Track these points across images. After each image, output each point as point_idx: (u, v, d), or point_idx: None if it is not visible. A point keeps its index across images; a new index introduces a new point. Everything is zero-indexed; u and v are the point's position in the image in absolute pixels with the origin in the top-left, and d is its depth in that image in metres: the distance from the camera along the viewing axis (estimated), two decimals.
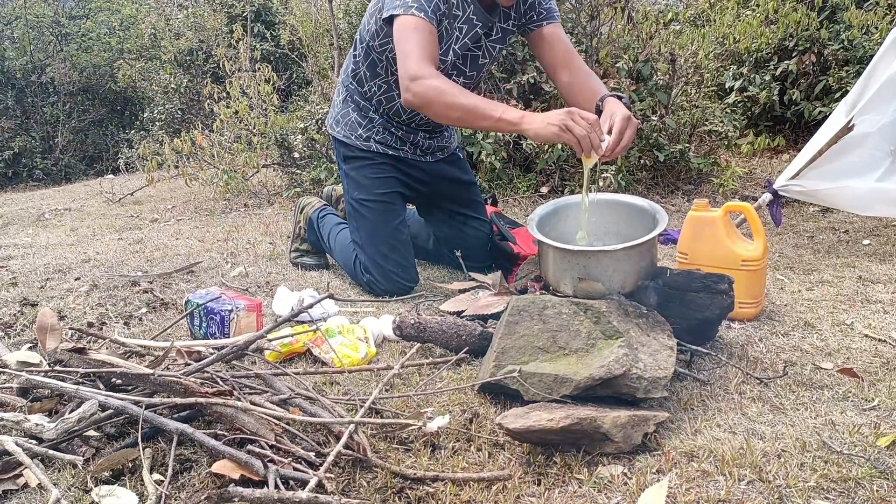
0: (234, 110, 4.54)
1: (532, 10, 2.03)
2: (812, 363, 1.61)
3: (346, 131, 2.25)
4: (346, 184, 2.28)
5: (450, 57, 2.00)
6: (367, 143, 2.23)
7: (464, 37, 1.99)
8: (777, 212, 2.60)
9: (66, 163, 8.37)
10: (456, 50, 2.00)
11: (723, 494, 1.11)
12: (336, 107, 2.31)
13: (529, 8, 2.03)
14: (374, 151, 2.23)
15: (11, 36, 8.78)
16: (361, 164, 2.23)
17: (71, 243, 3.20)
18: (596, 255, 1.59)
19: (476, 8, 1.95)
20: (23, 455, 1.19)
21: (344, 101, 2.28)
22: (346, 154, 2.26)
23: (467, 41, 2.01)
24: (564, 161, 3.63)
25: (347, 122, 2.25)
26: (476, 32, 2.00)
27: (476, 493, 1.14)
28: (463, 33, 1.98)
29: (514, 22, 2.06)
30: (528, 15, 2.04)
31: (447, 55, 1.99)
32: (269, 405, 1.29)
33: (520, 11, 2.04)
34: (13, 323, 2.00)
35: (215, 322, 1.80)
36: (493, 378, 1.40)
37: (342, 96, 2.29)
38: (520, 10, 2.03)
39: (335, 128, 2.29)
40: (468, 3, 1.94)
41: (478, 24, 1.99)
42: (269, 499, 1.04)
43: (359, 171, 2.23)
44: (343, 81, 2.29)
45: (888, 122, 2.38)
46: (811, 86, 4.49)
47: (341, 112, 2.28)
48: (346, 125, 2.26)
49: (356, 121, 2.24)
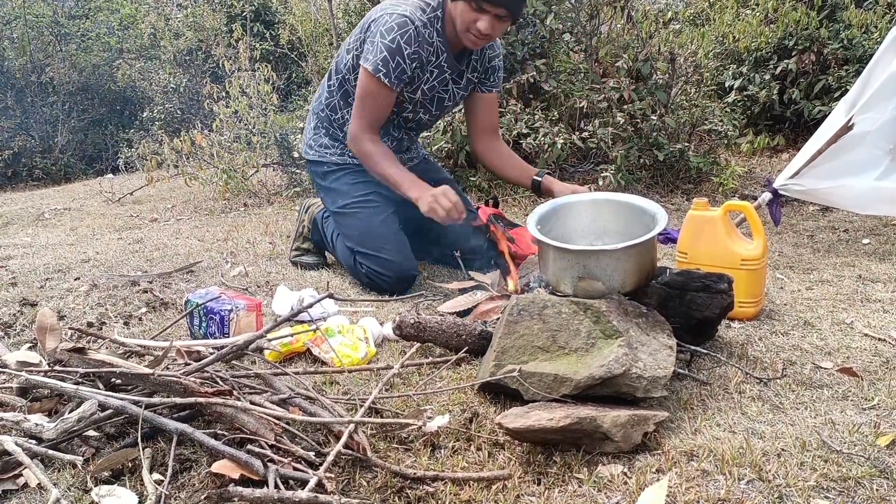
0: (234, 110, 4.54)
1: (492, 73, 2.29)
2: (812, 362, 1.61)
3: (320, 151, 2.36)
4: (327, 199, 2.35)
5: (418, 95, 2.19)
6: (341, 157, 2.34)
7: (433, 79, 2.18)
8: (777, 211, 2.60)
9: (66, 162, 8.35)
10: (425, 90, 2.19)
11: (723, 494, 1.11)
12: (308, 133, 2.42)
13: (491, 70, 2.28)
14: (350, 163, 2.32)
15: (11, 36, 8.76)
16: (339, 175, 2.32)
17: (70, 243, 3.20)
18: (596, 255, 1.59)
19: (448, 56, 2.15)
20: (22, 455, 1.19)
21: (315, 128, 2.39)
22: (324, 171, 2.35)
23: (436, 84, 2.20)
24: (564, 161, 3.63)
25: (320, 145, 2.37)
26: (445, 77, 2.20)
27: (476, 492, 1.14)
28: (433, 76, 2.18)
29: (478, 75, 2.28)
30: (487, 75, 2.29)
31: (416, 94, 2.19)
32: (269, 405, 1.29)
33: (484, 68, 2.27)
34: (13, 323, 2.00)
35: (215, 322, 1.80)
36: (493, 377, 1.40)
37: (313, 124, 2.41)
38: (484, 67, 2.27)
39: (309, 152, 2.40)
40: (442, 51, 2.14)
41: (448, 71, 2.19)
42: (269, 498, 1.04)
43: (338, 181, 2.32)
44: (314, 109, 2.42)
45: (888, 121, 2.38)
46: (811, 85, 4.49)
47: (313, 138, 2.39)
48: (319, 147, 2.37)
49: (328, 144, 2.36)
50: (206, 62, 6.72)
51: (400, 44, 2.03)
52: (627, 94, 3.63)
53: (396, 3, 2.09)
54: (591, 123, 3.58)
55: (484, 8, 1.96)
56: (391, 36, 2.03)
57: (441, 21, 2.10)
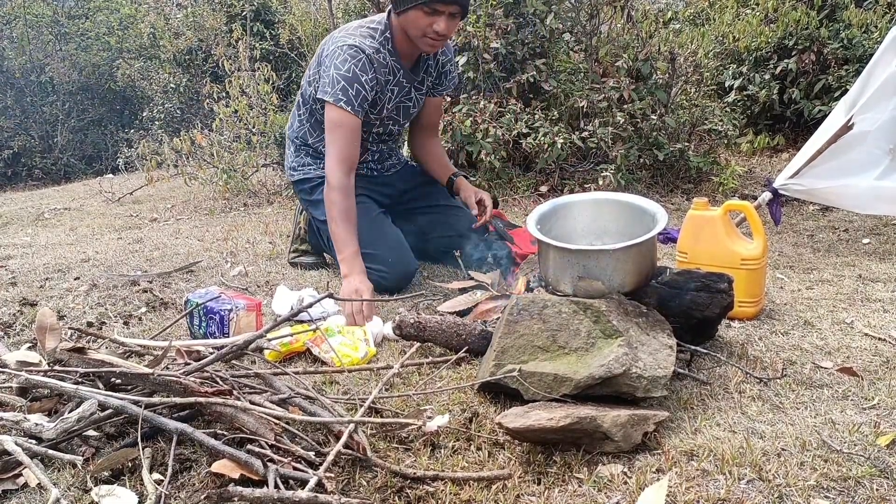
0: (234, 109, 4.53)
1: (444, 77, 2.36)
2: (812, 362, 1.61)
3: (303, 170, 2.40)
4: (317, 212, 2.34)
5: (384, 112, 2.27)
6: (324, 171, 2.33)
7: (395, 96, 2.26)
8: (777, 210, 2.60)
9: (66, 162, 8.36)
10: (389, 107, 2.26)
11: (723, 493, 1.11)
12: (289, 158, 2.47)
13: (444, 75, 2.36)
14: None
15: (10, 35, 8.76)
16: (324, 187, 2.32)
17: (70, 243, 3.20)
18: (596, 254, 1.59)
19: (404, 72, 2.23)
20: (22, 455, 1.19)
21: (296, 151, 2.43)
22: (310, 186, 2.38)
23: (398, 98, 2.27)
24: (564, 160, 3.63)
25: (302, 164, 2.41)
26: (405, 88, 2.27)
27: (476, 492, 1.14)
28: (395, 94, 2.25)
29: (433, 80, 2.34)
30: (440, 80, 2.36)
31: (382, 112, 2.26)
32: (269, 405, 1.29)
33: (438, 73, 2.34)
34: (12, 323, 2.00)
35: (215, 321, 1.80)
36: (493, 377, 1.40)
37: (293, 148, 2.45)
38: (438, 72, 2.34)
39: (293, 174, 2.43)
40: (398, 69, 2.20)
41: (407, 85, 2.26)
42: (269, 498, 1.04)
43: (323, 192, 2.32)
44: (290, 136, 2.47)
45: (887, 121, 2.38)
46: (811, 84, 4.49)
47: (295, 160, 2.43)
48: (301, 166, 2.41)
49: (310, 162, 2.39)
50: (206, 62, 6.71)
51: (355, 71, 2.08)
52: (627, 94, 3.63)
53: (345, 35, 2.14)
54: (591, 123, 3.58)
55: (438, 10, 2.01)
56: (346, 66, 2.07)
57: (391, 41, 2.16)
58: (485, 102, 3.53)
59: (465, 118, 3.44)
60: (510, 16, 3.65)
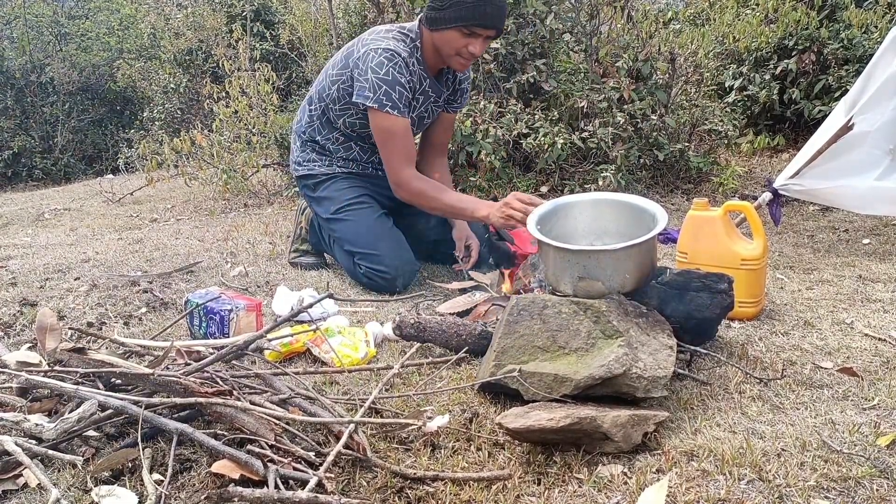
0: (234, 110, 4.53)
1: (460, 94, 2.37)
2: (812, 362, 1.61)
3: (309, 166, 2.38)
4: (320, 209, 2.36)
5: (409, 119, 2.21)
6: (329, 168, 2.36)
7: (421, 106, 2.26)
8: (777, 211, 2.60)
9: (66, 162, 8.35)
10: (413, 117, 2.24)
11: (723, 494, 1.11)
12: (295, 153, 2.44)
13: (459, 92, 2.36)
14: (339, 173, 2.35)
15: (11, 36, 8.77)
16: (328, 183, 2.35)
17: (70, 243, 3.20)
18: (596, 255, 1.59)
19: (431, 81, 2.22)
20: (22, 455, 1.19)
21: (302, 146, 2.41)
22: (314, 182, 2.37)
23: (423, 108, 2.27)
24: (564, 161, 3.62)
25: (308, 160, 2.39)
26: (430, 98, 2.27)
27: (476, 492, 1.14)
28: (420, 103, 2.24)
29: (449, 95, 2.34)
30: (456, 96, 2.37)
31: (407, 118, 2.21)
32: (269, 405, 1.29)
33: (454, 89, 2.34)
34: (13, 323, 2.00)
35: (215, 322, 1.80)
36: (493, 377, 1.40)
37: (299, 143, 2.42)
38: (454, 88, 2.34)
39: (298, 169, 2.41)
40: (425, 78, 2.20)
41: (433, 95, 2.26)
42: (269, 499, 1.04)
43: (328, 189, 2.34)
44: (296, 131, 2.44)
45: (887, 121, 2.38)
46: (811, 85, 4.49)
47: (300, 155, 2.41)
48: (307, 161, 2.39)
49: (315, 158, 2.38)
50: (206, 62, 6.71)
51: (394, 74, 2.07)
52: (627, 94, 3.63)
53: (376, 38, 2.13)
54: (591, 123, 3.58)
55: (476, 32, 2.02)
56: (384, 70, 2.06)
57: (420, 50, 2.16)
58: (485, 102, 3.53)
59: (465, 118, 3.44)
60: (510, 16, 3.65)
